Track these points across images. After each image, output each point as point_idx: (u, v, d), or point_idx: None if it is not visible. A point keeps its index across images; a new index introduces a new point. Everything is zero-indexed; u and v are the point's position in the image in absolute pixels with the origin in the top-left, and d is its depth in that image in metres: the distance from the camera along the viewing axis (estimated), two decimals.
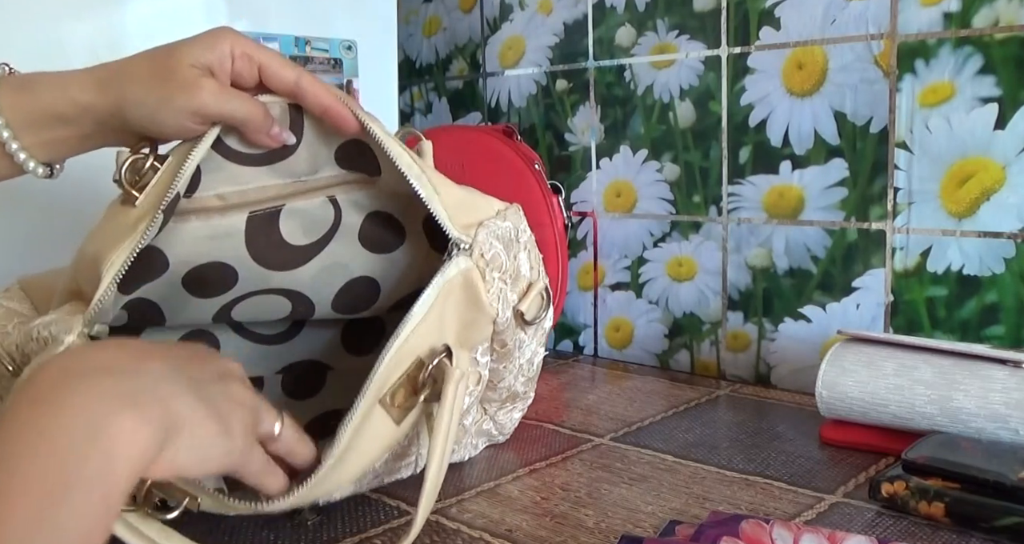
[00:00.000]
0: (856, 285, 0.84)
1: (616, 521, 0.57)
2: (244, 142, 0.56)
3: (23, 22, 0.75)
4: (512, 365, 0.64)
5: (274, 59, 0.54)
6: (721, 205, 0.92)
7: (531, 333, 0.63)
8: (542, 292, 0.62)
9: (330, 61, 0.96)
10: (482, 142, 0.98)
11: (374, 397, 0.52)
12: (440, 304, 0.55)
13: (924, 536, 0.54)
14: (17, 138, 0.52)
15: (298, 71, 0.54)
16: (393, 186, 0.61)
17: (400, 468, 0.62)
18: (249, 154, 0.57)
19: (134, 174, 0.53)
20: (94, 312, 0.50)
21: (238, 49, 0.53)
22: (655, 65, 0.96)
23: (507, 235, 0.59)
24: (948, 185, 0.77)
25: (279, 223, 0.60)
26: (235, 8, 0.89)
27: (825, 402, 0.70)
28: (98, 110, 0.52)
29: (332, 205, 0.61)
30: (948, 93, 0.77)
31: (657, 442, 0.72)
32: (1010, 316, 0.76)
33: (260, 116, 0.54)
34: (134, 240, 0.50)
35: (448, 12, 1.16)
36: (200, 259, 0.59)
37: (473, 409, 0.65)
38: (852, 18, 0.81)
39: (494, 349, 0.62)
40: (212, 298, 0.62)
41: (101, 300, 0.50)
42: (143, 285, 0.57)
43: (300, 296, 0.64)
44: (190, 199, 0.57)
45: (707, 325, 0.95)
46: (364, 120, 0.55)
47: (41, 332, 0.51)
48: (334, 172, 0.60)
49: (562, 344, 1.08)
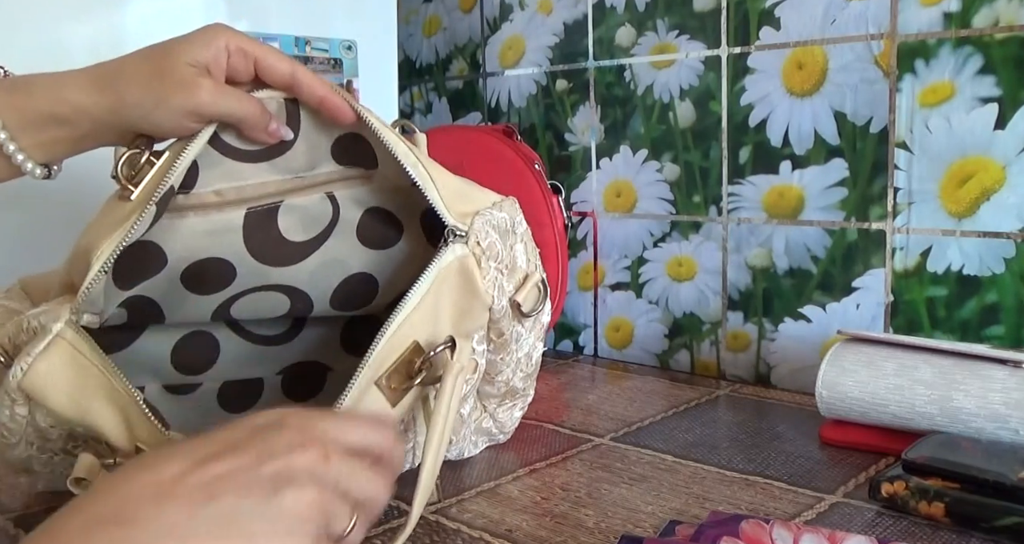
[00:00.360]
0: (856, 285, 0.84)
1: (616, 521, 0.57)
2: (241, 138, 0.56)
3: (23, 23, 0.75)
4: (509, 357, 0.64)
5: (269, 53, 0.54)
6: (721, 205, 0.92)
7: (528, 326, 0.63)
8: (538, 284, 0.63)
9: (330, 61, 0.96)
10: (482, 142, 0.98)
11: (370, 378, 0.52)
12: (436, 290, 0.55)
13: (924, 536, 0.54)
14: (14, 139, 0.52)
15: (293, 63, 0.55)
16: (391, 179, 0.61)
17: None
18: (247, 150, 0.57)
19: (131, 169, 0.53)
20: (82, 299, 0.50)
21: (233, 45, 0.53)
22: (655, 65, 0.96)
23: (503, 225, 0.60)
24: (948, 185, 0.77)
25: (277, 219, 0.61)
26: (235, 8, 0.89)
27: (825, 402, 0.70)
28: (95, 110, 0.52)
29: (330, 201, 0.62)
30: (948, 93, 0.77)
31: (657, 442, 0.72)
32: (1010, 316, 0.76)
33: (257, 113, 0.54)
34: (124, 230, 0.51)
35: (448, 12, 1.16)
36: (198, 255, 0.59)
37: (470, 398, 0.65)
38: (852, 18, 0.81)
39: (491, 339, 0.62)
40: (211, 295, 0.62)
41: (89, 287, 0.50)
42: (142, 282, 0.58)
43: (298, 292, 0.64)
44: (188, 195, 0.57)
45: (707, 325, 0.95)
46: (360, 109, 0.56)
47: (31, 322, 0.52)
48: (332, 168, 0.61)
49: (562, 344, 1.08)
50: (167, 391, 0.67)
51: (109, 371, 0.51)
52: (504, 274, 0.59)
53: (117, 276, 0.56)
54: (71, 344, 0.51)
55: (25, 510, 0.61)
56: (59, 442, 0.56)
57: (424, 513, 0.59)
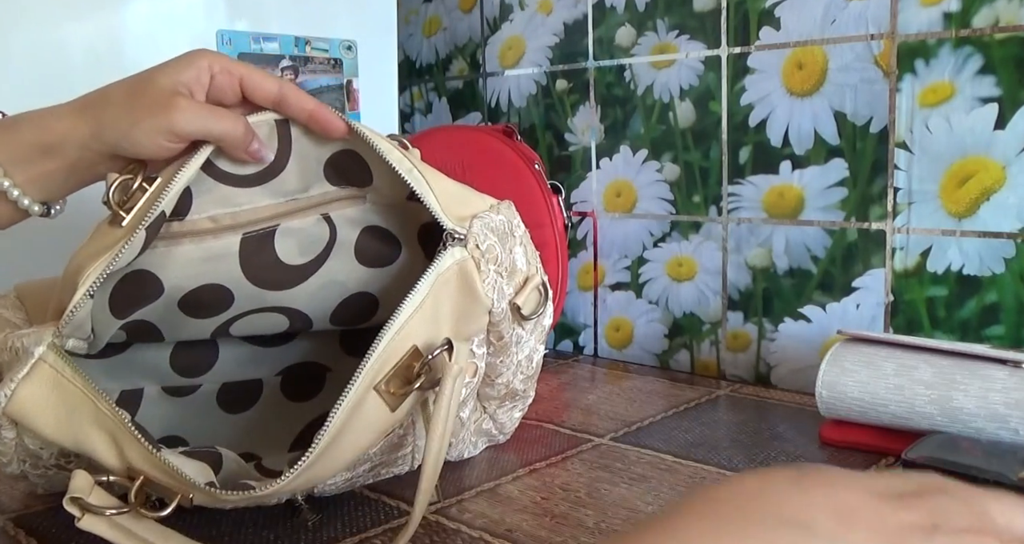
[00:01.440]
0: (856, 285, 0.84)
1: (616, 521, 0.57)
2: (234, 163, 0.56)
3: (23, 23, 0.75)
4: (509, 360, 0.64)
5: (255, 72, 0.54)
6: (721, 205, 0.92)
7: (529, 329, 0.63)
8: (539, 287, 0.62)
9: (330, 61, 0.96)
10: (482, 142, 0.98)
11: (368, 383, 0.52)
12: (435, 294, 0.55)
13: None
14: (8, 175, 0.52)
15: (279, 80, 0.55)
16: (386, 195, 0.61)
17: (397, 460, 0.62)
18: (240, 175, 0.57)
19: (123, 195, 0.53)
20: (65, 322, 0.50)
21: (217, 66, 0.53)
22: (655, 65, 0.96)
23: (501, 228, 0.60)
24: (948, 185, 0.77)
25: (274, 243, 0.61)
26: (235, 8, 0.89)
27: (825, 402, 0.70)
28: (78, 136, 0.52)
29: (326, 222, 0.62)
30: (948, 93, 0.77)
31: (657, 442, 0.72)
32: (1010, 316, 0.76)
33: (239, 132, 0.53)
34: (112, 254, 0.50)
35: (448, 12, 1.16)
36: (195, 282, 0.59)
37: (470, 401, 0.65)
38: (852, 18, 0.81)
39: (491, 342, 0.62)
40: (209, 318, 0.62)
41: (73, 311, 0.49)
42: (138, 309, 0.58)
43: (297, 313, 0.64)
44: (182, 222, 0.57)
45: (707, 325, 0.95)
46: (349, 121, 0.56)
47: (14, 343, 0.51)
48: (326, 189, 0.61)
49: (562, 344, 1.08)
50: (166, 393, 0.67)
51: (93, 394, 0.50)
52: (504, 277, 0.59)
53: (113, 306, 0.56)
54: (53, 368, 0.50)
55: (25, 510, 0.61)
56: (51, 460, 0.56)
57: (424, 513, 0.59)
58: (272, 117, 0.56)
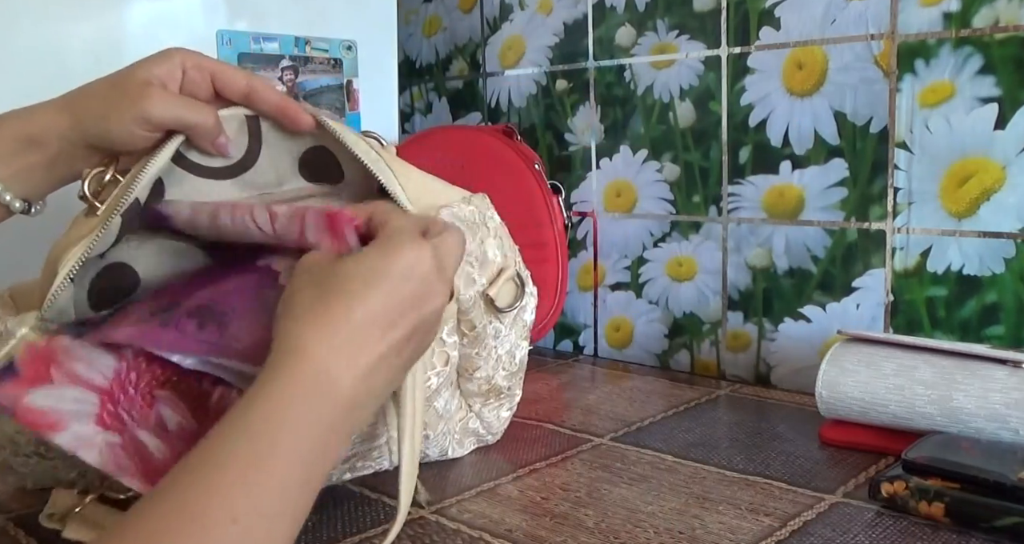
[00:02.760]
0: (856, 285, 0.84)
1: (616, 521, 0.57)
2: (204, 155, 0.57)
3: (23, 23, 0.75)
4: (486, 353, 0.64)
5: (225, 67, 0.57)
6: (721, 205, 0.92)
7: (508, 323, 0.64)
8: (514, 278, 0.64)
9: (330, 61, 0.96)
10: (482, 142, 0.98)
11: None
12: None
13: (924, 536, 0.54)
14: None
15: (249, 75, 0.57)
16: (358, 189, 0.61)
17: (371, 452, 0.61)
18: (211, 167, 0.58)
19: (97, 185, 0.55)
20: (48, 306, 0.52)
21: (189, 62, 0.56)
22: (655, 65, 0.96)
23: (471, 218, 0.61)
24: (948, 185, 0.77)
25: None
26: (235, 8, 0.89)
27: (825, 402, 0.70)
28: (59, 127, 0.54)
29: None
30: (948, 93, 0.77)
31: (657, 442, 0.72)
32: (1010, 316, 0.76)
33: (209, 123, 0.55)
34: (89, 240, 0.52)
35: (448, 12, 1.16)
36: (168, 271, 0.60)
37: (444, 391, 0.65)
38: (852, 18, 0.81)
39: (463, 332, 0.63)
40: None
41: (55, 295, 0.52)
42: (118, 304, 0.58)
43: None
44: None
45: (707, 325, 0.95)
46: (317, 114, 0.57)
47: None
48: (300, 184, 0.61)
49: (562, 344, 1.08)
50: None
51: None
52: (475, 268, 0.60)
53: (93, 301, 0.56)
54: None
55: (25, 510, 0.61)
56: (29, 446, 0.57)
57: (424, 513, 0.60)
58: (243, 112, 0.57)
